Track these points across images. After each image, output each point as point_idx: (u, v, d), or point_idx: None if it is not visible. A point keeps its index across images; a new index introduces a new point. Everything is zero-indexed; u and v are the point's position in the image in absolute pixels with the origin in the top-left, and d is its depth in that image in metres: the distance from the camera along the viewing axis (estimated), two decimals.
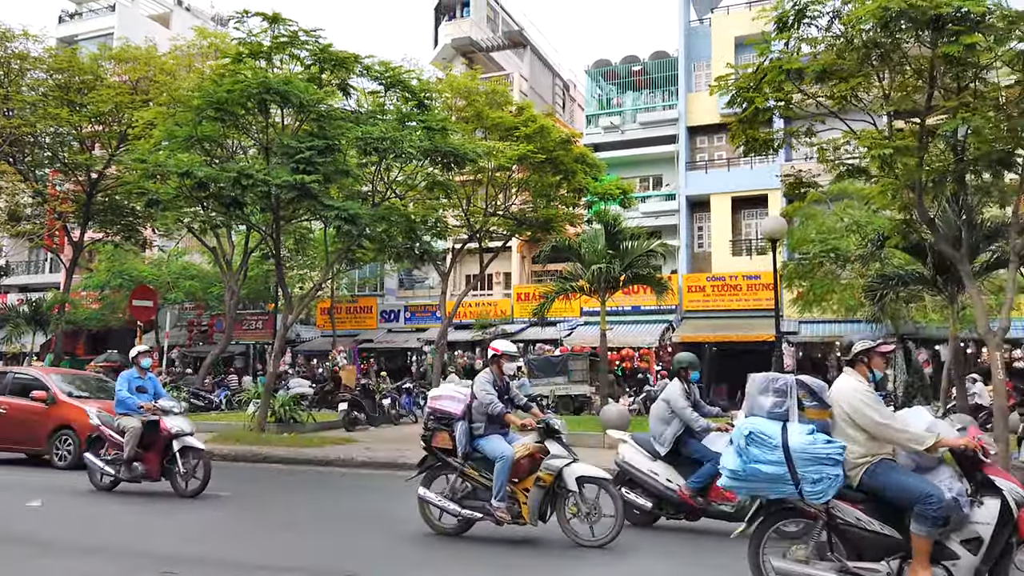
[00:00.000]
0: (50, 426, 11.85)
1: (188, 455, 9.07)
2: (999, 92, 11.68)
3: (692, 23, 31.56)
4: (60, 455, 11.76)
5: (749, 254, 28.06)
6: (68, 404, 11.88)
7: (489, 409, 6.61)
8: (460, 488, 6.81)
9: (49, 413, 11.87)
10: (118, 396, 9.27)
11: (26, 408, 11.99)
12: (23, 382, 12.58)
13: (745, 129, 12.63)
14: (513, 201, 21.98)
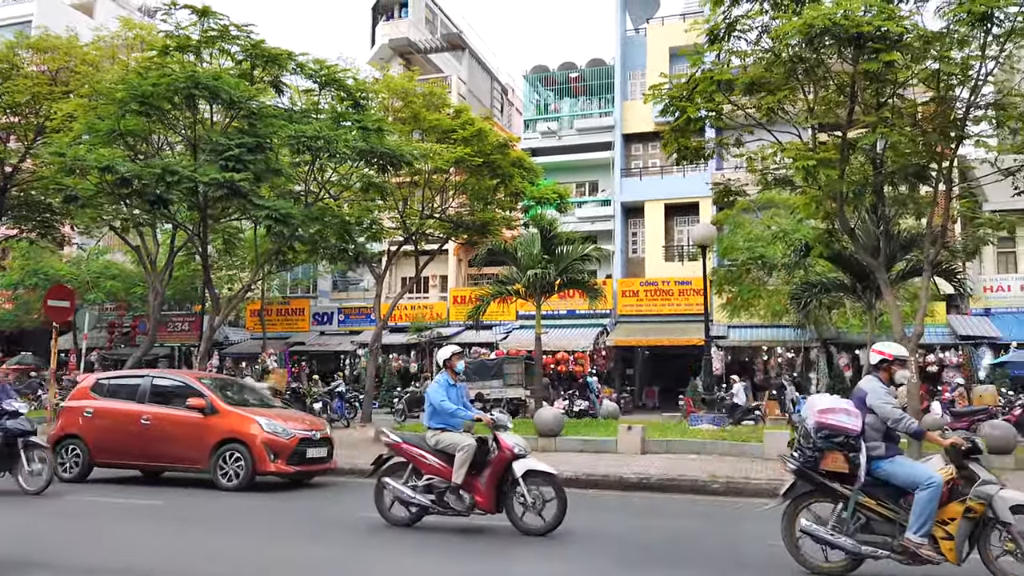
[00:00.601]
0: (212, 440, 9.86)
1: (534, 482, 7.17)
2: (915, 108, 12.26)
3: (628, 32, 32.09)
4: (226, 474, 9.75)
5: (681, 260, 28.66)
6: (233, 413, 10.09)
7: (902, 426, 5.57)
8: (850, 520, 5.60)
9: (209, 424, 9.95)
10: (439, 407, 7.45)
11: (178, 419, 10.10)
12: (167, 388, 10.71)
13: (677, 138, 12.93)
14: (450, 204, 21.88)
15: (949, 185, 12.46)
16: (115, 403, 10.62)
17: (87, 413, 10.62)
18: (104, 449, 10.40)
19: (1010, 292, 24.91)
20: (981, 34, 10.53)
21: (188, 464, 10.18)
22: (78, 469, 10.41)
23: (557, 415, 14.16)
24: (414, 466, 7.44)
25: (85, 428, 10.51)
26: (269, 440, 9.78)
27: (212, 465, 9.82)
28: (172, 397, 10.51)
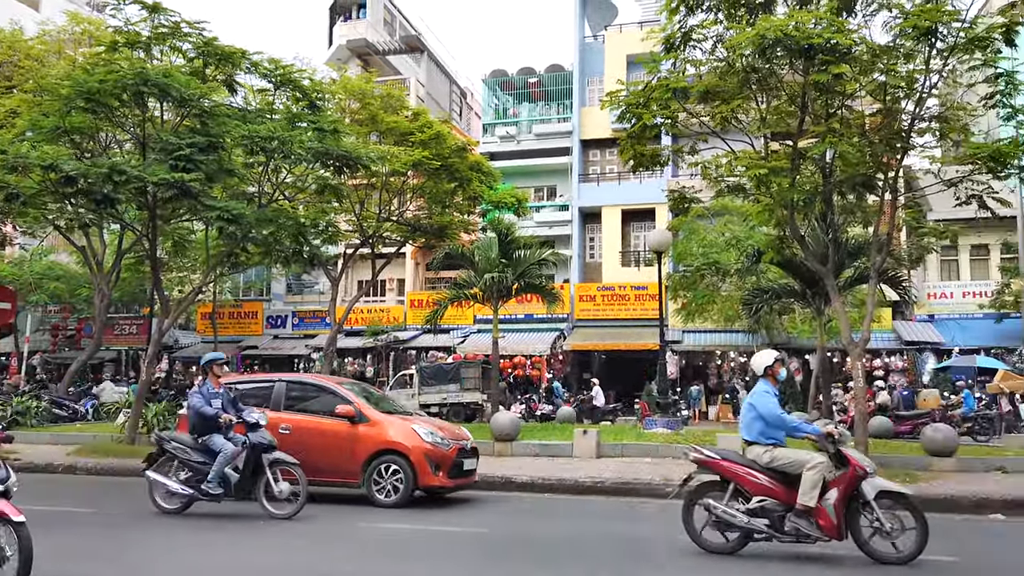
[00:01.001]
0: (365, 451, 9.00)
1: (886, 504, 6.32)
2: (863, 120, 12.59)
3: (587, 39, 32.35)
4: (383, 488, 8.89)
5: (637, 265, 28.97)
6: (386, 422, 9.29)
7: (785, 422, 6.65)
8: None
9: (360, 434, 9.06)
10: (776, 419, 6.57)
11: (324, 429, 9.22)
12: (304, 394, 9.80)
13: (633, 144, 13.04)
14: (407, 207, 21.75)
15: (895, 195, 12.82)
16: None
17: None
18: None
19: (952, 299, 25.75)
20: (926, 49, 10.85)
21: (335, 478, 9.19)
22: None
23: (513, 419, 14.14)
24: (737, 486, 6.57)
25: None
26: (430, 451, 8.88)
27: (366, 479, 8.92)
28: (311, 403, 9.60)
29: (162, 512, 8.41)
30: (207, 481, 8.12)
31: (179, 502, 8.45)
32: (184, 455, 8.37)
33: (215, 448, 8.17)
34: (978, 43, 10.65)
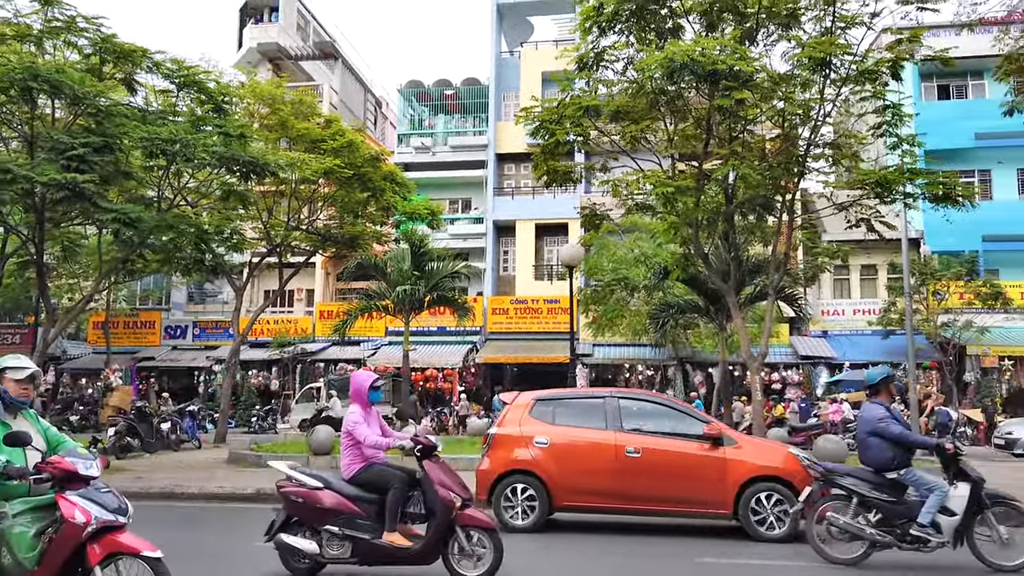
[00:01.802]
0: (737, 477, 7.91)
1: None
2: (763, 144, 13.20)
3: (503, 54, 32.63)
4: (764, 519, 7.79)
5: (550, 279, 29.29)
6: (756, 444, 8.65)
7: None
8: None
9: (726, 458, 7.99)
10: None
11: (682, 452, 8.14)
12: (646, 410, 8.72)
13: (547, 160, 13.23)
14: (318, 216, 21.25)
15: (792, 216, 13.45)
16: (578, 430, 8.43)
17: (540, 442, 8.34)
18: (570, 488, 8.22)
19: (844, 316, 27.21)
20: (821, 79, 11.48)
21: (695, 507, 8.13)
22: (534, 515, 8.22)
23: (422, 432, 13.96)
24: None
25: (541, 461, 8.28)
26: (808, 477, 7.66)
27: (742, 509, 7.84)
28: (655, 422, 8.49)
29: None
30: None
31: None
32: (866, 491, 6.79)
33: None
34: (868, 75, 11.36)
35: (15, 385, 4.44)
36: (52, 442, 4.60)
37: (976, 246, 25.27)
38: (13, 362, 4.53)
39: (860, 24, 11.24)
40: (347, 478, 5.93)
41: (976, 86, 28.09)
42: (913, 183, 12.07)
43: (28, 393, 4.50)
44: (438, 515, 5.63)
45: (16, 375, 4.44)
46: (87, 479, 4.14)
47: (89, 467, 4.17)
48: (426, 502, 5.79)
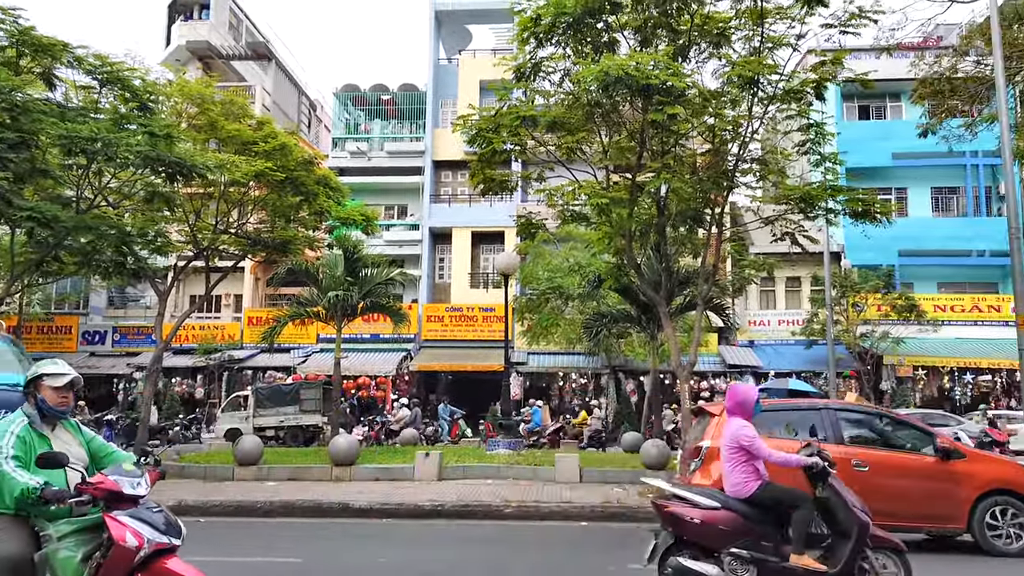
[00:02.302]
0: (970, 492, 7.76)
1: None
2: (694, 158, 13.52)
3: (441, 61, 32.57)
4: (1003, 534, 7.70)
5: (486, 287, 29.30)
6: (987, 457, 8.46)
7: None
8: None
9: (958, 471, 7.83)
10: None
11: (908, 465, 7.95)
12: (863, 422, 8.47)
13: (483, 168, 13.24)
14: (248, 219, 20.68)
15: (720, 229, 13.82)
16: (795, 443, 7.73)
17: None
18: None
19: (769, 326, 28.09)
20: (749, 97, 11.84)
21: (927, 522, 7.95)
22: None
23: (352, 442, 13.73)
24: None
25: None
26: None
27: (977, 523, 7.73)
28: (875, 434, 8.33)
29: None
30: None
31: None
32: None
33: None
34: (794, 95, 11.78)
35: (53, 393, 3.99)
36: (97, 455, 4.15)
37: (893, 260, 26.50)
38: (51, 368, 4.07)
39: (787, 45, 11.65)
40: (744, 496, 5.44)
41: (894, 108, 29.52)
42: (835, 199, 12.54)
43: (67, 401, 4.08)
44: (855, 535, 5.21)
45: (54, 382, 4.00)
46: (135, 499, 3.75)
47: (136, 485, 3.77)
48: (836, 522, 5.39)
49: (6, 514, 3.67)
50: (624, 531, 9.04)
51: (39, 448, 3.78)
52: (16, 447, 3.74)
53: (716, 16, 11.62)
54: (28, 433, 3.85)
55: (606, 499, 10.66)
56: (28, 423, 3.89)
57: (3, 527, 3.67)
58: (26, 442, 3.81)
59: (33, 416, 3.92)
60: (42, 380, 3.99)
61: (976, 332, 26.32)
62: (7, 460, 3.67)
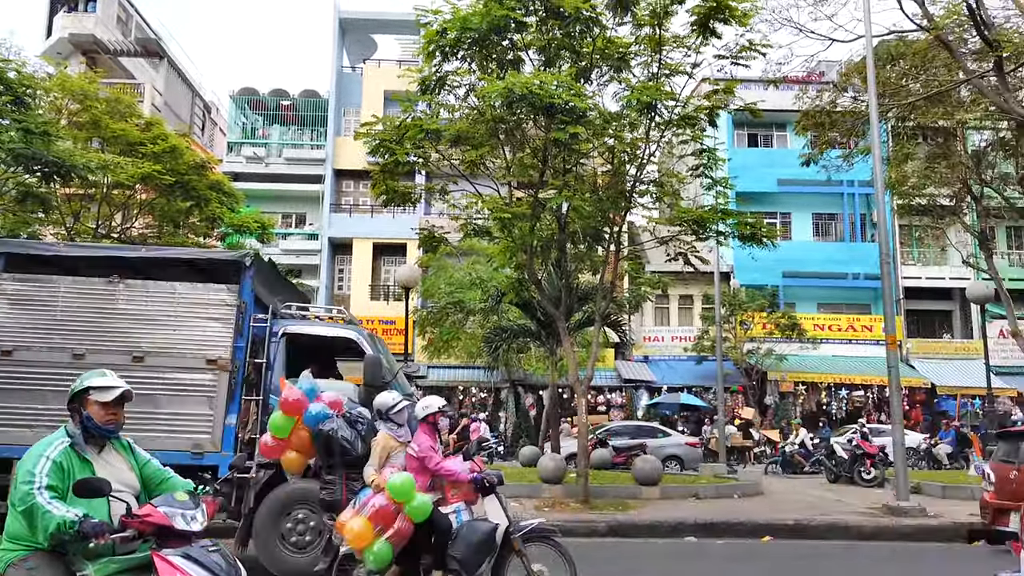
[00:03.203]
0: None
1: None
2: (595, 178, 13.83)
3: (345, 69, 32.07)
4: None
5: (387, 299, 28.90)
6: None
7: None
8: None
9: None
10: None
11: None
12: None
13: (386, 179, 13.07)
14: (133, 224, 19.63)
15: (618, 247, 14.18)
16: None
17: None
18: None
19: (663, 342, 29.03)
20: (647, 120, 12.23)
21: None
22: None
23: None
24: None
25: None
26: None
27: None
28: None
29: None
30: None
31: None
32: None
33: None
34: (688, 121, 12.25)
35: (101, 409, 3.44)
36: (151, 481, 3.57)
37: (777, 281, 27.97)
38: (98, 380, 3.52)
39: (683, 73, 12.13)
40: None
41: (780, 137, 31.30)
42: (725, 222, 13.10)
43: (117, 418, 3.52)
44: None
45: (103, 396, 3.45)
46: (188, 535, 3.22)
47: (191, 520, 3.24)
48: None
49: (40, 550, 3.17)
50: None
51: (79, 474, 3.26)
52: (51, 474, 3.22)
53: (617, 41, 11.96)
54: (67, 457, 3.31)
55: None
56: (69, 445, 3.35)
57: (36, 566, 3.16)
58: (63, 468, 3.27)
59: (76, 437, 3.39)
60: (88, 394, 3.46)
61: (851, 350, 28.10)
62: (40, 491, 3.15)
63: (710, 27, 11.25)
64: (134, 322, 7.44)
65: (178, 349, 7.39)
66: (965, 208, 22.44)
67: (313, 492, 6.44)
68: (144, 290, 7.54)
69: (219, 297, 7.50)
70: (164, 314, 7.46)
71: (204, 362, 7.30)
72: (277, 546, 6.91)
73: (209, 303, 7.52)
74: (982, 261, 20.99)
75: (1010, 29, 14.14)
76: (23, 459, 3.30)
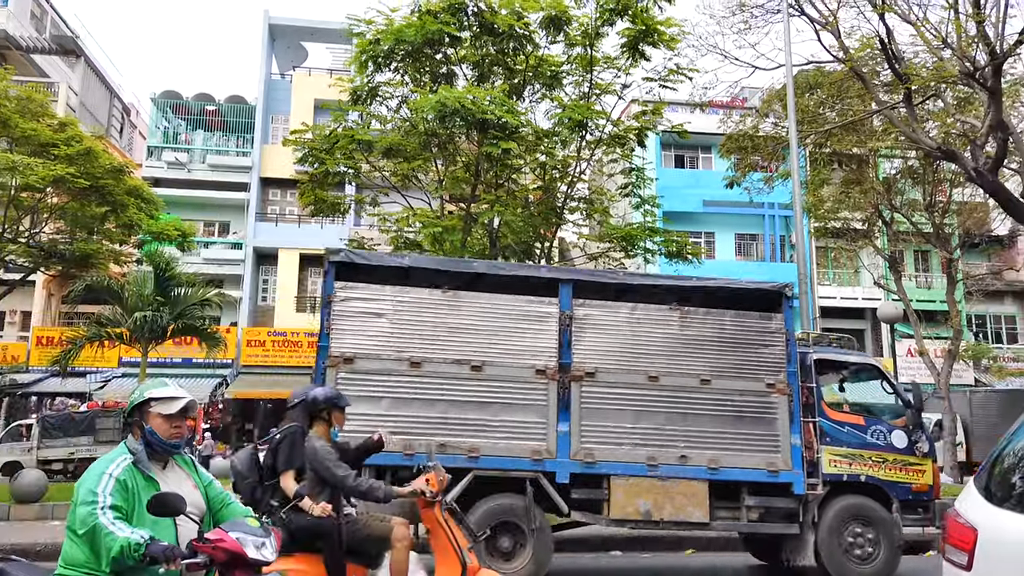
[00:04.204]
0: None
1: None
2: (527, 193, 13.93)
3: (274, 76, 31.42)
4: None
5: (313, 311, 28.25)
6: None
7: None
8: None
9: None
10: None
11: None
12: None
13: (315, 189, 12.87)
14: (42, 228, 18.63)
15: (549, 262, 14.29)
16: None
17: None
18: None
19: None
20: (578, 139, 12.42)
21: None
22: None
23: None
24: None
25: None
26: None
27: None
28: None
29: None
30: None
31: None
32: None
33: None
34: (618, 140, 12.51)
35: (164, 423, 3.10)
36: (215, 504, 3.25)
37: None
38: (160, 390, 3.18)
39: (613, 93, 12.39)
40: None
41: (705, 159, 32.26)
42: (652, 240, 13.40)
43: (182, 432, 3.19)
44: None
45: (166, 408, 3.12)
46: (258, 566, 2.96)
47: (262, 547, 2.97)
48: None
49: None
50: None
51: (144, 495, 2.93)
52: (115, 494, 2.89)
53: (550, 59, 12.12)
54: (131, 475, 3.00)
55: None
56: (132, 462, 3.03)
57: None
58: (128, 487, 2.95)
59: (139, 453, 3.07)
60: (150, 406, 3.14)
61: None
62: (104, 511, 2.83)
63: (639, 49, 11.53)
64: (700, 346, 7.70)
65: (739, 372, 7.73)
66: (876, 232, 23.55)
67: (866, 506, 7.75)
68: (705, 317, 7.80)
69: (774, 326, 7.90)
70: (724, 340, 7.79)
71: (764, 386, 7.70)
72: (843, 559, 7.62)
73: (764, 330, 7.89)
74: (892, 283, 22.05)
75: (919, 64, 14.98)
76: (83, 478, 3.00)
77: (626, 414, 7.35)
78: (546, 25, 11.73)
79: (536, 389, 7.22)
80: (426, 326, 7.29)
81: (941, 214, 20.82)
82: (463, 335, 7.31)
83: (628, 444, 7.24)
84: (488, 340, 7.32)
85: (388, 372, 7.17)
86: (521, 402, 7.18)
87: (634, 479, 7.23)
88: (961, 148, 13.95)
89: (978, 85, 11.39)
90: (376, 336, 7.28)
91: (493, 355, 7.28)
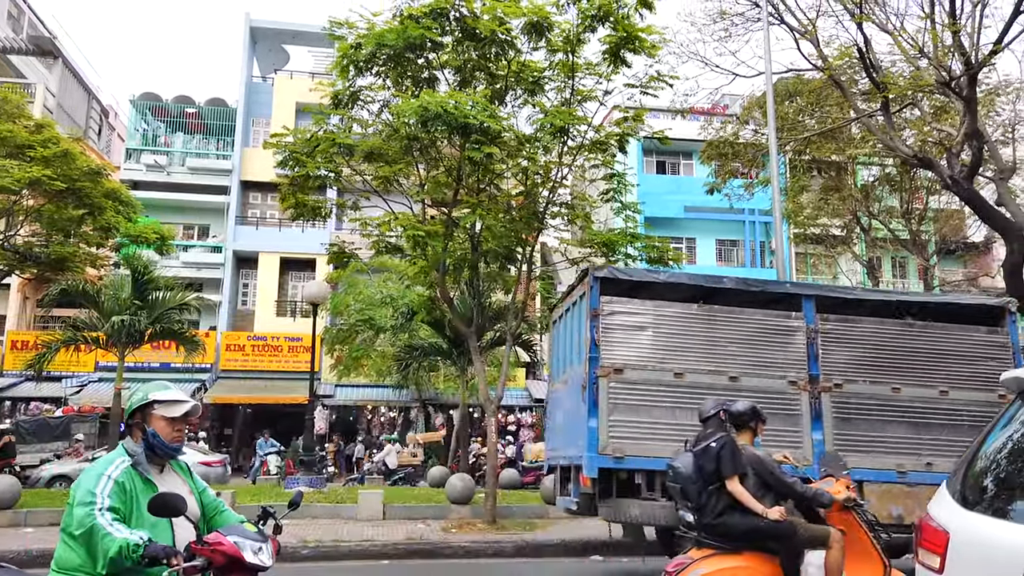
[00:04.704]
0: None
1: None
2: (508, 198, 13.92)
3: (255, 79, 31.25)
4: None
5: (294, 316, 28.11)
6: None
7: None
8: None
9: None
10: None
11: None
12: None
13: (295, 192, 12.79)
14: (17, 231, 18.38)
15: (531, 267, 14.29)
16: None
17: None
18: None
19: None
20: (560, 144, 12.43)
21: None
22: None
23: None
24: None
25: None
26: None
27: None
28: None
29: None
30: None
31: None
32: None
33: None
34: (600, 146, 12.53)
35: (167, 425, 3.09)
36: (208, 509, 3.26)
37: None
38: (163, 393, 3.17)
39: (594, 99, 12.41)
40: None
41: (686, 165, 32.47)
42: (633, 245, 13.43)
43: (182, 436, 3.19)
44: None
45: (169, 411, 3.11)
46: (255, 571, 2.92)
47: (259, 552, 2.95)
48: None
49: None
50: (427, 568, 8.90)
51: (143, 497, 2.91)
52: (113, 495, 2.87)
53: (532, 65, 12.13)
54: (130, 478, 2.97)
55: (409, 536, 10.47)
56: (131, 465, 3.01)
57: None
58: (126, 490, 2.93)
59: (138, 455, 3.05)
60: (152, 408, 3.13)
61: None
62: (102, 512, 2.80)
63: (621, 56, 11.56)
64: (936, 359, 8.12)
65: (974, 384, 8.09)
66: (855, 238, 23.86)
67: None
68: (938, 332, 8.20)
69: (1000, 339, 8.25)
70: (955, 353, 8.17)
71: (996, 397, 7.82)
72: None
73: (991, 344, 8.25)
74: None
75: (896, 73, 15.19)
76: (79, 479, 2.97)
77: (873, 423, 7.82)
78: (528, 31, 11.73)
79: (790, 400, 7.71)
80: (684, 339, 7.76)
81: (918, 221, 21.13)
82: (718, 348, 7.77)
83: (877, 452, 7.70)
84: (741, 352, 7.80)
85: (655, 383, 7.65)
86: (775, 413, 7.46)
87: (885, 485, 7.67)
88: (937, 156, 14.16)
89: (954, 94, 11.58)
90: (640, 348, 7.77)
91: (747, 367, 7.75)
